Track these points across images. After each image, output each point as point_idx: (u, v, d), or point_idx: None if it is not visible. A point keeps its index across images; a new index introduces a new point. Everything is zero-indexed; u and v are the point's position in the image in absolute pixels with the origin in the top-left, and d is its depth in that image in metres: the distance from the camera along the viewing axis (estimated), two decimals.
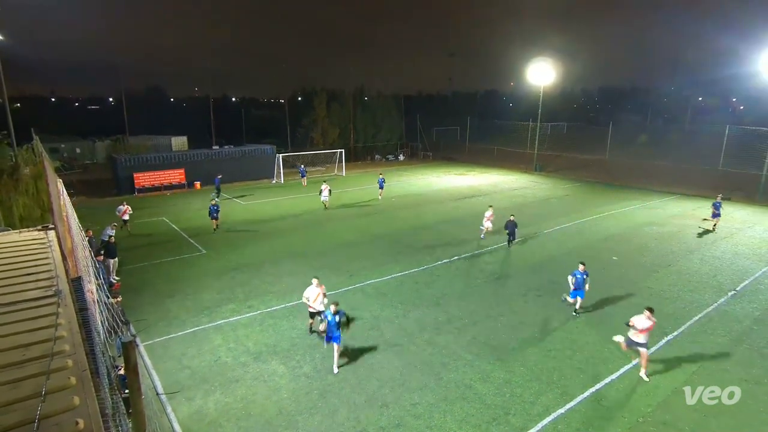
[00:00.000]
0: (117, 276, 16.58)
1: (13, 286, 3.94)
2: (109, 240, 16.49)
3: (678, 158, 41.46)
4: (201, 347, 11.94)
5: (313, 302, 12.06)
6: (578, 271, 13.33)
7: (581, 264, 13.47)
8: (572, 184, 36.64)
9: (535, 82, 43.83)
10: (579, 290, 13.34)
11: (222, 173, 31.72)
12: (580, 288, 13.31)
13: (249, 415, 9.35)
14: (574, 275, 13.36)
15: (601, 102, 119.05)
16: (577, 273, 13.34)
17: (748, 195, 29.76)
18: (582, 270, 13.31)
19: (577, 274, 13.31)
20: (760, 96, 58.71)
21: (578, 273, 13.30)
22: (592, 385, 10.19)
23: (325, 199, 27.38)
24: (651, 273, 16.89)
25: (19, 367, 2.71)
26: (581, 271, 13.30)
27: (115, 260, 16.60)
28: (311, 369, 10.94)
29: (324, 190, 27.40)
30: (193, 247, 20.45)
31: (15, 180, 18.21)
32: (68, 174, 38.89)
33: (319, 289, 12.11)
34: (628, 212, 26.62)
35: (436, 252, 19.27)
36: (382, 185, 30.57)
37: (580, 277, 13.28)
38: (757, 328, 12.74)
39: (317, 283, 12.19)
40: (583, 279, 13.26)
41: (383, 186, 30.60)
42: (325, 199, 27.38)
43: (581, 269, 13.33)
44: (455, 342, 12.08)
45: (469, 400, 9.74)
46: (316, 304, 12.07)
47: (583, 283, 13.27)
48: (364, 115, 53.58)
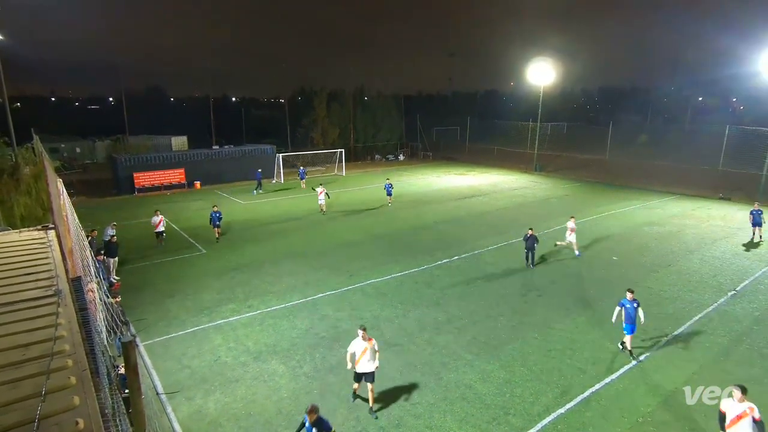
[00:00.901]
0: (117, 276, 16.60)
1: (13, 285, 3.94)
2: (111, 239, 16.51)
3: (678, 158, 41.43)
4: (201, 347, 11.94)
5: (358, 361, 9.37)
6: (626, 300, 11.06)
7: (629, 292, 11.20)
8: (572, 184, 36.63)
9: (535, 82, 43.84)
10: (631, 324, 10.97)
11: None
12: (632, 321, 10.96)
13: (249, 415, 9.35)
14: (622, 305, 11.11)
15: (601, 102, 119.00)
16: (625, 302, 11.07)
17: (748, 195, 29.74)
18: (630, 299, 11.04)
19: (626, 304, 11.03)
20: (760, 96, 58.66)
21: (626, 302, 11.04)
22: (592, 385, 10.18)
23: (321, 203, 26.35)
24: (651, 273, 16.89)
25: (19, 367, 2.71)
26: (629, 299, 11.03)
27: (115, 260, 16.62)
28: (311, 369, 10.94)
29: (320, 194, 26.31)
30: (193, 247, 20.45)
31: (15, 180, 18.22)
32: (68, 174, 38.88)
33: (367, 343, 9.37)
34: (628, 212, 26.62)
35: (436, 252, 19.27)
36: (390, 191, 28.82)
37: (630, 308, 10.97)
38: (757, 328, 12.73)
39: (364, 334, 9.46)
40: (634, 309, 10.96)
41: (391, 192, 28.85)
42: (322, 202, 26.34)
43: (629, 297, 11.06)
44: (455, 342, 12.08)
45: (469, 400, 9.74)
46: (363, 364, 9.37)
47: (634, 314, 10.93)
48: (364, 115, 53.58)
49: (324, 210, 26.40)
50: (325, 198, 26.41)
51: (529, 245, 17.22)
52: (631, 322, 10.96)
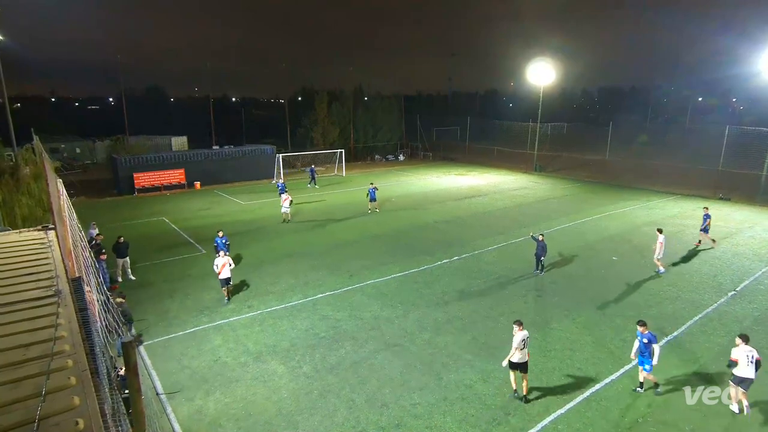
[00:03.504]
0: (133, 275, 16.76)
1: (13, 286, 3.94)
2: (118, 240, 16.49)
3: (678, 158, 41.45)
4: (201, 347, 11.94)
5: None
6: (639, 332, 9.91)
7: (640, 325, 9.92)
8: (572, 184, 36.63)
9: (535, 82, 43.83)
10: (645, 358, 9.82)
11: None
12: (645, 355, 9.80)
13: (249, 415, 9.35)
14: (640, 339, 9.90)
15: (601, 102, 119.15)
16: (639, 335, 9.92)
17: (748, 195, 29.75)
18: (643, 332, 9.82)
19: (640, 336, 9.90)
20: (760, 96, 58.70)
21: (639, 335, 9.91)
22: (592, 385, 10.19)
23: (285, 211, 24.32)
24: (651, 273, 16.88)
25: (19, 367, 2.71)
26: (642, 332, 9.85)
27: (126, 260, 16.64)
28: (311, 369, 10.94)
29: (284, 202, 24.35)
30: (193, 247, 20.45)
31: (16, 180, 18.23)
32: (68, 174, 38.87)
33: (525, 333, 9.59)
34: (628, 212, 26.61)
35: (436, 252, 19.27)
36: (374, 196, 26.32)
37: (640, 341, 9.87)
38: (757, 328, 12.73)
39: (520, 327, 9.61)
40: (643, 344, 9.78)
41: (375, 197, 26.40)
42: (286, 211, 24.32)
43: (641, 331, 9.84)
44: (455, 342, 12.08)
45: (469, 401, 9.74)
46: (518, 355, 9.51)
47: (646, 349, 9.75)
48: (364, 115, 53.56)
49: (288, 219, 24.41)
50: (290, 206, 24.59)
51: (540, 253, 16.59)
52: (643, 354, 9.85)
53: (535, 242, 16.80)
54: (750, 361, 9.14)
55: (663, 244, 16.59)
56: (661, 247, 16.58)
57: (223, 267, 14.50)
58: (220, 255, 14.79)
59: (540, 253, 16.66)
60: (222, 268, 14.48)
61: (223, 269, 14.49)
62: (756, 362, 9.14)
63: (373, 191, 26.37)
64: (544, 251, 16.65)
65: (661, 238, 16.60)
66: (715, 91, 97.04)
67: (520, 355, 9.60)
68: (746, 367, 9.14)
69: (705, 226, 19.77)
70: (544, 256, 16.73)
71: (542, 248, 16.57)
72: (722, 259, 18.36)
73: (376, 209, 26.83)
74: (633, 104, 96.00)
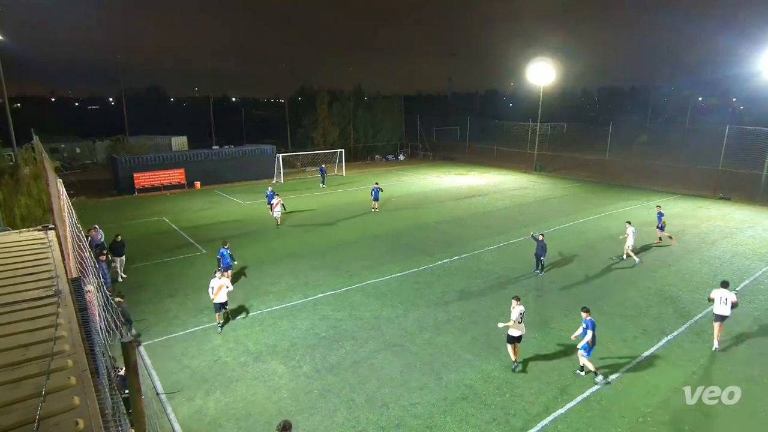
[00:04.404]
0: (124, 274, 16.70)
1: (13, 286, 3.94)
2: (116, 239, 16.54)
3: (678, 158, 41.45)
4: (201, 347, 11.94)
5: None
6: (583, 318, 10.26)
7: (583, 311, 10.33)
8: (572, 184, 36.63)
9: (535, 82, 43.82)
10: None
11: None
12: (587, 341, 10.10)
13: (249, 415, 9.35)
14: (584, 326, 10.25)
15: (601, 102, 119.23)
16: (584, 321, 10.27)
17: (748, 195, 29.75)
18: (585, 318, 10.21)
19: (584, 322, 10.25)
20: (760, 96, 58.67)
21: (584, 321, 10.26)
22: (592, 385, 10.18)
23: (277, 215, 23.58)
24: (651, 273, 16.88)
25: (19, 367, 2.71)
26: (585, 318, 10.22)
27: (122, 258, 16.67)
28: (311, 369, 10.94)
29: (276, 206, 23.54)
30: (194, 247, 20.45)
31: (15, 180, 18.22)
32: (68, 174, 38.87)
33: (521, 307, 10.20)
34: (628, 212, 26.60)
35: (436, 252, 19.27)
36: (377, 196, 26.63)
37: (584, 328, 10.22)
38: (757, 328, 12.74)
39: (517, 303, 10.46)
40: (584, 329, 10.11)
41: (379, 196, 26.76)
42: (278, 215, 23.56)
43: (584, 317, 10.23)
44: (455, 342, 12.08)
45: (469, 400, 9.74)
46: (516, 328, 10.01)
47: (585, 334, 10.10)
48: (365, 115, 53.56)
49: (279, 223, 23.71)
50: (282, 210, 23.84)
51: (540, 253, 16.55)
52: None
53: (535, 242, 16.79)
54: (723, 302, 11.39)
55: (631, 234, 17.79)
56: (631, 237, 17.79)
57: (220, 290, 12.47)
58: (217, 275, 12.68)
59: (540, 252, 16.64)
60: (218, 291, 12.46)
61: (219, 292, 12.48)
62: (732, 304, 11.34)
63: (377, 191, 26.83)
64: (544, 251, 16.63)
65: (630, 230, 17.82)
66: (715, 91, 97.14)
67: (519, 329, 10.53)
68: (719, 305, 11.45)
69: (661, 224, 20.12)
70: (544, 255, 16.71)
71: (542, 248, 16.56)
72: (722, 259, 18.35)
73: (377, 209, 27.03)
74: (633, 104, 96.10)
